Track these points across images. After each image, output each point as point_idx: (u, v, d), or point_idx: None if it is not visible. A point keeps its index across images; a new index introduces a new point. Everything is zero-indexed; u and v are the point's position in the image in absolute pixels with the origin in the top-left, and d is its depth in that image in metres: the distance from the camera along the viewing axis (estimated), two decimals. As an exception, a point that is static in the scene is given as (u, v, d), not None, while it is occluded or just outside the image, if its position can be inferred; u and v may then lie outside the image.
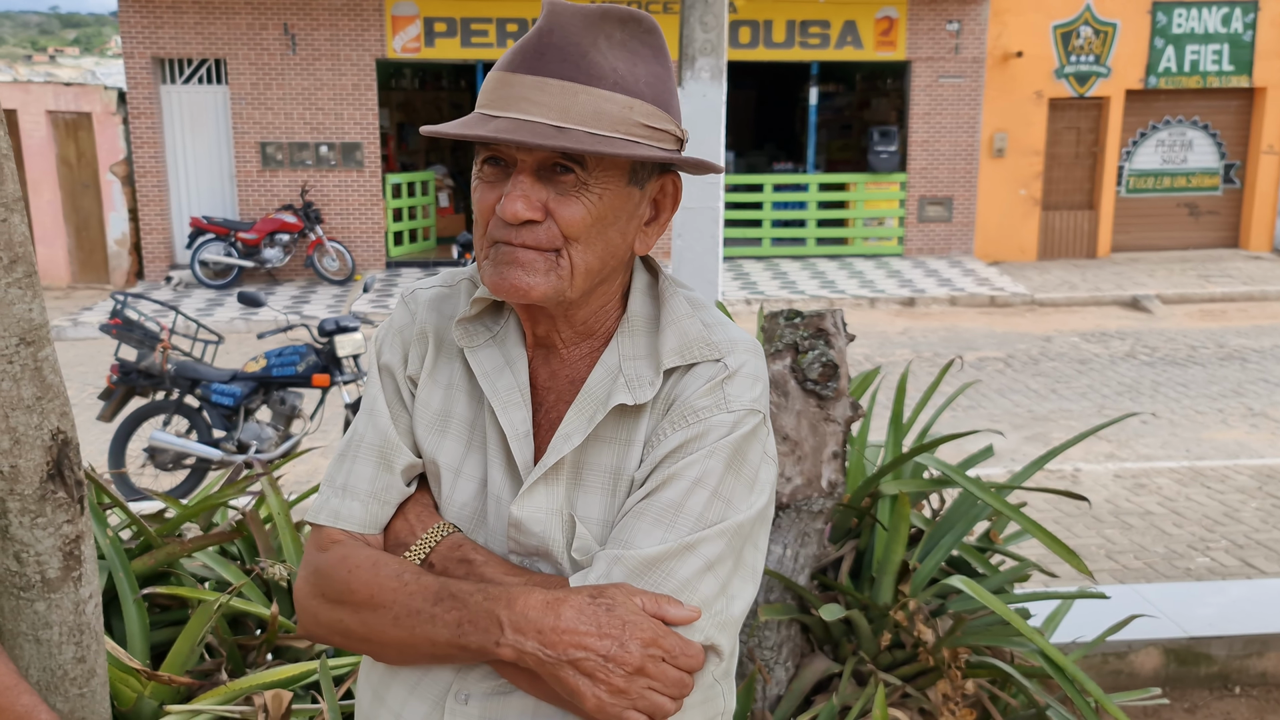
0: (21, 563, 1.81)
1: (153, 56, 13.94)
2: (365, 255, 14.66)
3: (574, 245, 1.14)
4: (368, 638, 1.17)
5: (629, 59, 1.13)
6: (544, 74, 1.11)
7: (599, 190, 1.13)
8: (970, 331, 11.50)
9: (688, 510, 1.12)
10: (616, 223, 1.16)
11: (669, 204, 1.22)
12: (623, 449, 1.19)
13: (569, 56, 1.11)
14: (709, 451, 1.14)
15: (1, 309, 1.69)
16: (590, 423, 1.18)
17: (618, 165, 1.14)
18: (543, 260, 1.13)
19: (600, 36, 1.12)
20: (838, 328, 2.47)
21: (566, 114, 1.10)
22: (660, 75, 1.16)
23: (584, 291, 1.18)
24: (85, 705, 1.94)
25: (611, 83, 1.11)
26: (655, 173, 1.20)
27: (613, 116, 1.11)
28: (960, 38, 14.85)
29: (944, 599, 2.65)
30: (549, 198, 1.12)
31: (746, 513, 1.15)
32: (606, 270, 1.19)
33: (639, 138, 1.12)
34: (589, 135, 1.09)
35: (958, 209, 15.45)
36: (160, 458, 6.43)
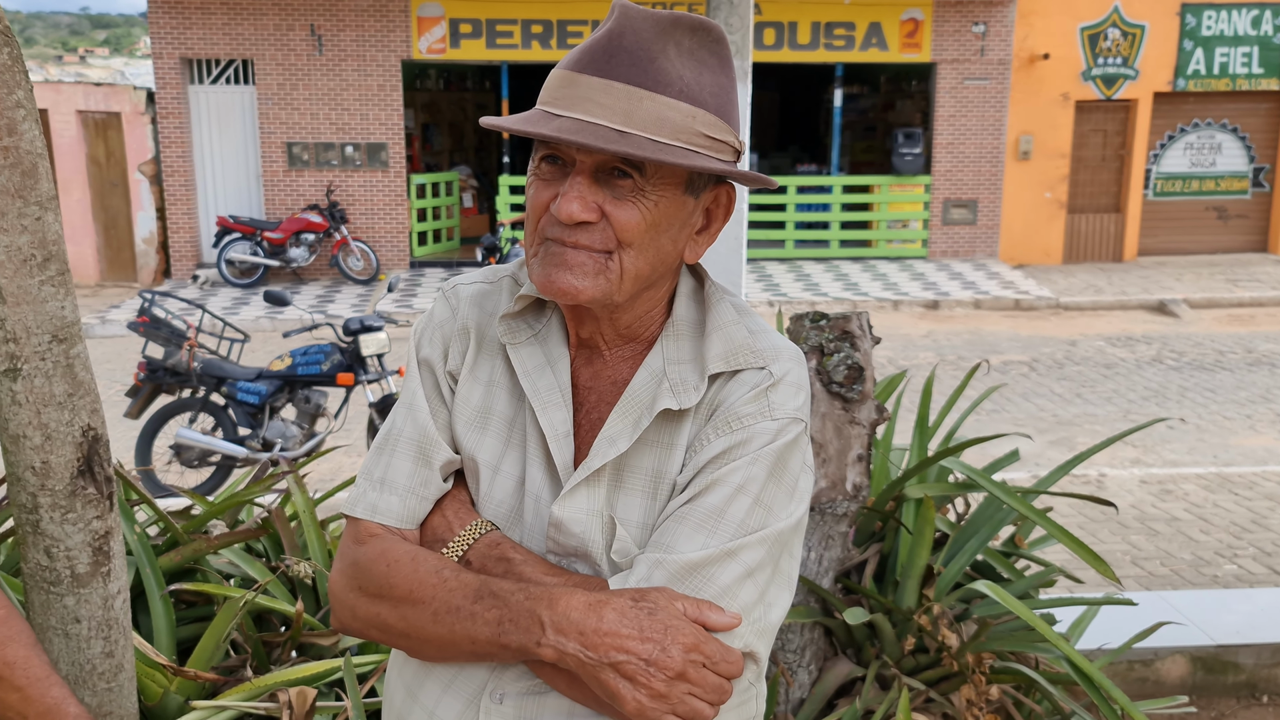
0: (52, 558, 1.83)
1: (181, 57, 14.06)
2: (389, 255, 14.73)
3: (626, 250, 1.14)
4: (406, 633, 1.17)
5: (696, 67, 1.13)
6: (611, 77, 1.11)
7: (655, 197, 1.13)
8: (994, 335, 11.43)
9: (730, 517, 1.12)
10: (669, 230, 1.16)
11: (721, 214, 1.22)
12: (665, 452, 1.19)
13: (638, 61, 1.11)
14: (752, 459, 1.14)
15: (35, 306, 1.71)
16: (636, 428, 1.18)
17: (675, 173, 1.14)
18: (593, 262, 1.13)
19: (670, 43, 1.12)
20: (863, 330, 2.46)
21: (630, 119, 1.10)
22: (725, 86, 1.16)
23: (631, 295, 1.18)
24: (113, 699, 1.95)
25: (677, 90, 1.11)
26: (711, 183, 1.19)
27: (675, 125, 1.11)
28: (986, 40, 14.77)
29: (968, 604, 2.64)
30: (605, 200, 1.12)
31: (786, 521, 1.15)
32: (655, 276, 1.19)
33: (699, 147, 1.12)
34: (650, 142, 1.10)
35: (982, 212, 15.36)
36: (186, 455, 6.48)
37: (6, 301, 1.68)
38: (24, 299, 1.70)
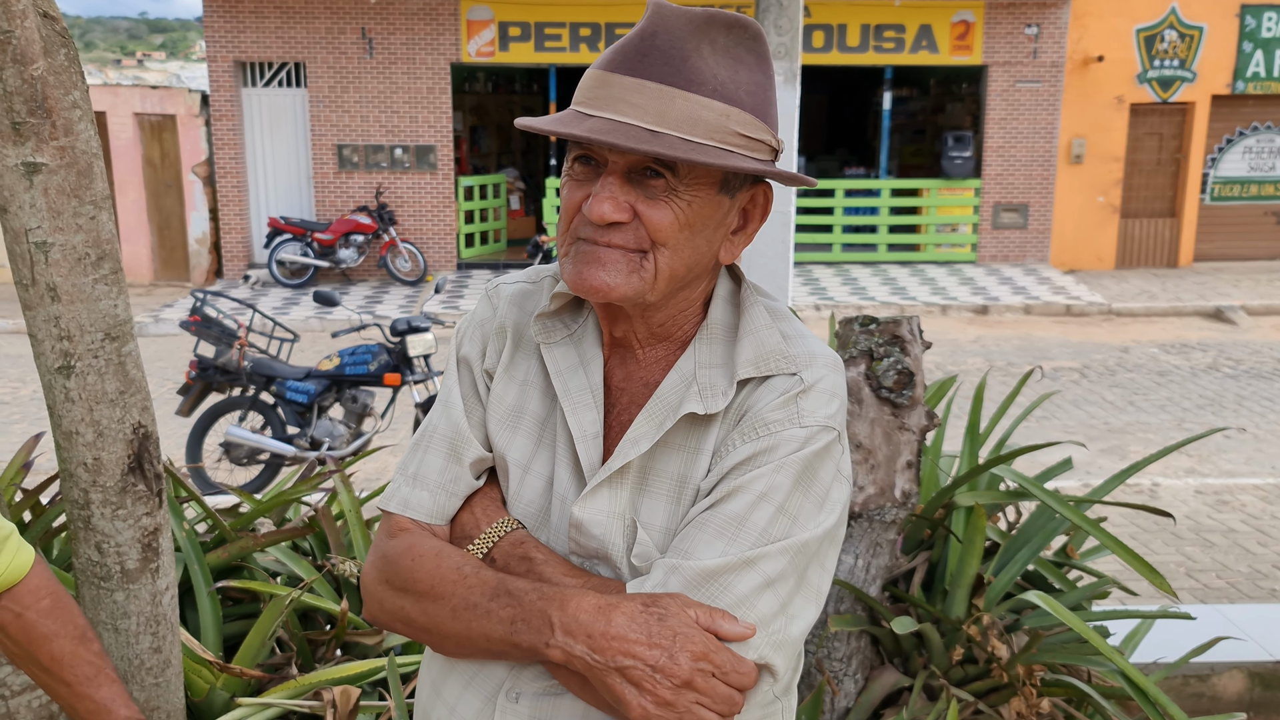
0: (102, 553, 1.85)
1: (235, 60, 14.26)
2: (437, 256, 14.83)
3: (660, 249, 1.13)
4: (427, 628, 1.18)
5: (731, 65, 1.11)
6: (644, 76, 1.09)
7: (689, 197, 1.12)
8: (1044, 341, 11.26)
9: (751, 524, 1.10)
10: (704, 230, 1.15)
11: (758, 214, 1.20)
12: (690, 457, 1.17)
13: (670, 60, 1.09)
14: (777, 466, 1.12)
15: (88, 304, 1.73)
16: (659, 429, 1.16)
17: (709, 173, 1.12)
18: (626, 260, 1.12)
19: (704, 41, 1.10)
20: (914, 335, 2.42)
21: (663, 118, 1.08)
22: (761, 83, 1.14)
23: (665, 295, 1.16)
24: (160, 694, 1.97)
25: (711, 89, 1.09)
26: (747, 183, 1.18)
27: (709, 124, 1.09)
28: (1039, 41, 14.57)
29: (1019, 614, 2.59)
30: (637, 200, 1.11)
31: (813, 531, 1.12)
32: (690, 276, 1.17)
33: (734, 147, 1.11)
34: (683, 142, 1.08)
35: (1033, 216, 15.16)
36: (235, 453, 6.56)
37: (61, 300, 1.71)
38: (78, 297, 1.72)
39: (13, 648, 1.41)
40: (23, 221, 1.66)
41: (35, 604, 1.40)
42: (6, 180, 1.65)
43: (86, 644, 1.43)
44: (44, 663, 1.41)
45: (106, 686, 1.43)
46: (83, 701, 1.41)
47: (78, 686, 1.41)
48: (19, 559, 1.38)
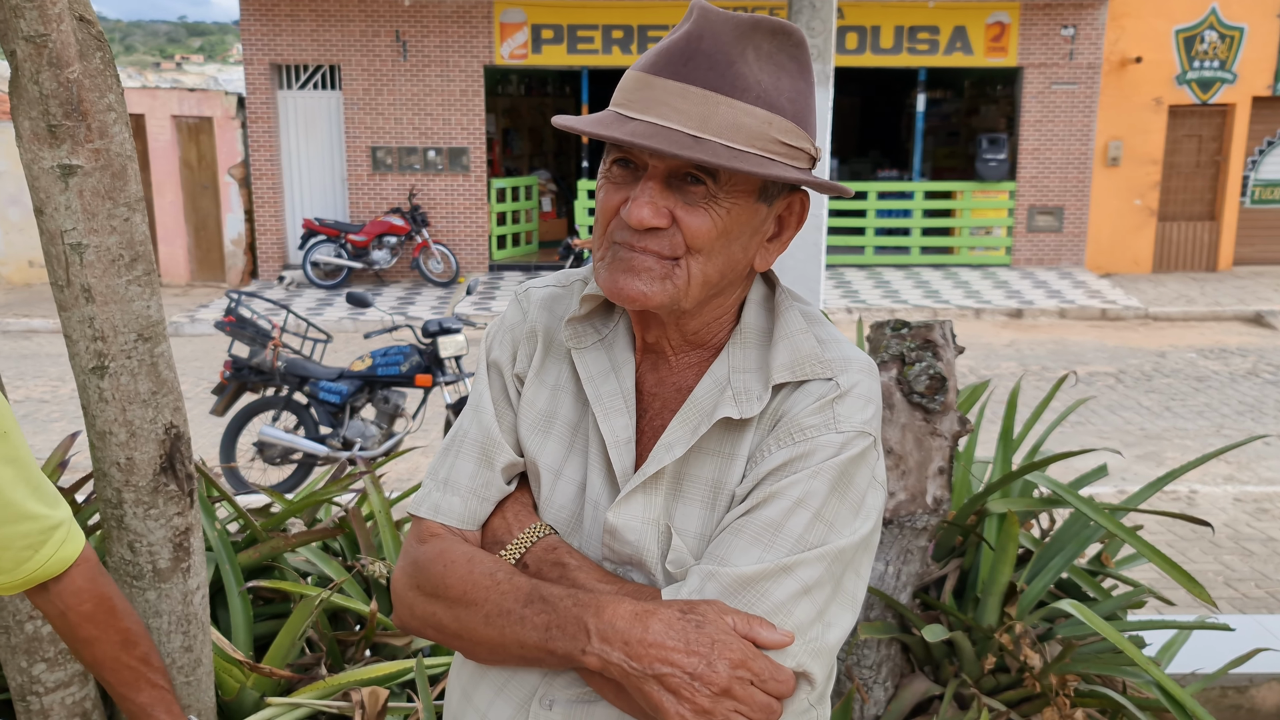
0: (135, 552, 1.86)
1: (271, 63, 14.40)
2: (469, 258, 14.89)
3: (695, 256, 1.12)
4: (459, 634, 1.17)
5: (774, 72, 1.10)
6: (687, 80, 1.08)
7: (728, 204, 1.11)
8: (1080, 345, 11.14)
9: (787, 531, 1.09)
10: (740, 237, 1.14)
11: (794, 222, 1.19)
12: (725, 462, 1.16)
13: (716, 65, 1.08)
14: (813, 472, 1.10)
15: (122, 305, 1.74)
16: (694, 434, 1.15)
17: (749, 181, 1.11)
18: (660, 267, 1.12)
19: (749, 47, 1.09)
20: (946, 339, 2.40)
21: (705, 124, 1.07)
22: (803, 91, 1.13)
23: (699, 302, 1.16)
24: (191, 693, 1.99)
25: (755, 96, 1.08)
26: (784, 190, 1.17)
27: (751, 131, 1.08)
28: (1075, 43, 14.43)
29: (1052, 623, 2.55)
30: (676, 205, 1.10)
31: (849, 538, 1.11)
32: (724, 283, 1.17)
33: (775, 154, 1.10)
34: (725, 149, 1.07)
35: (1069, 219, 15.00)
36: (269, 452, 6.62)
37: (95, 300, 1.72)
38: (112, 298, 1.73)
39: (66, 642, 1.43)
40: (58, 223, 1.68)
41: (77, 606, 1.41)
42: (43, 182, 1.66)
43: (129, 649, 1.44)
44: (87, 662, 1.43)
45: (147, 691, 1.44)
46: (126, 703, 1.43)
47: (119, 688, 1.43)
48: (61, 553, 1.39)
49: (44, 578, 1.39)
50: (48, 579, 1.39)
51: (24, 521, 1.35)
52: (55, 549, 1.38)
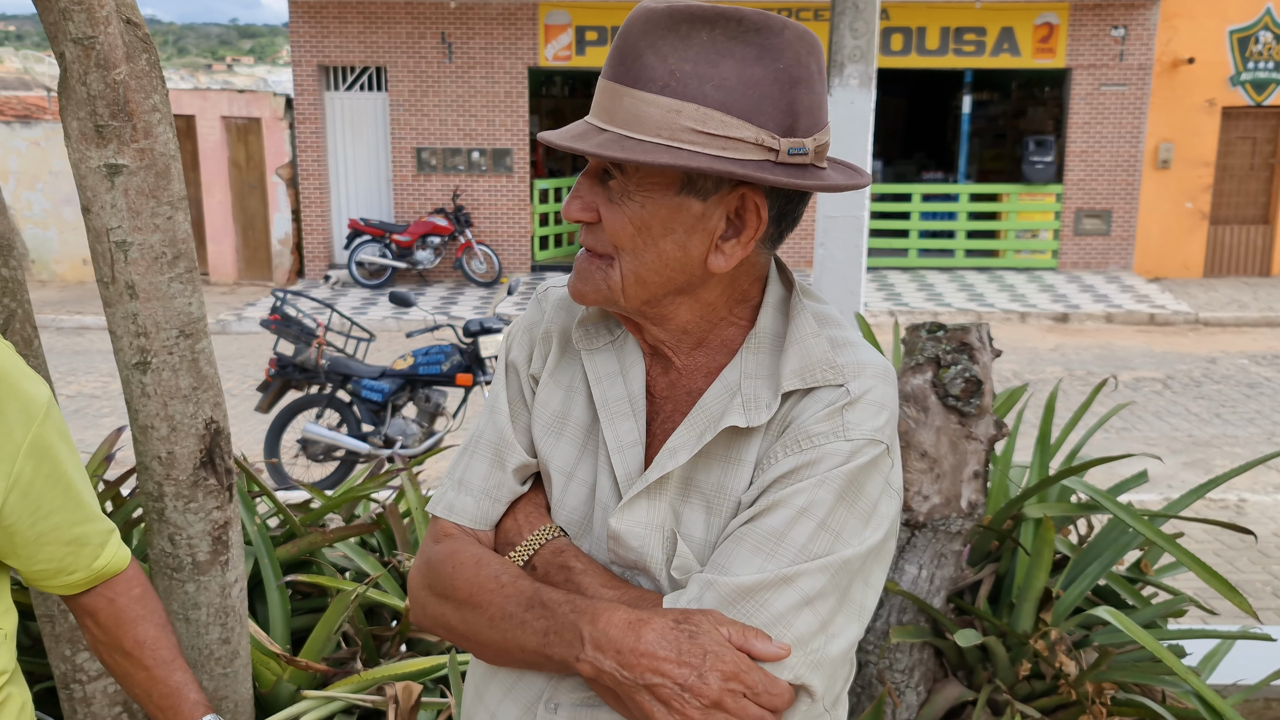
0: (175, 545, 1.90)
1: (319, 64, 14.57)
2: (512, 258, 14.98)
3: (623, 254, 1.12)
4: (466, 635, 1.18)
5: (705, 60, 1.05)
6: (609, 78, 1.10)
7: (640, 198, 1.10)
8: (1127, 350, 10.98)
9: (790, 540, 1.07)
10: (670, 234, 1.10)
11: (752, 219, 1.11)
12: (733, 469, 1.15)
13: (625, 59, 1.08)
14: (819, 480, 1.08)
15: (164, 302, 1.78)
16: (699, 441, 1.14)
17: (664, 173, 1.08)
18: (594, 268, 1.14)
19: (668, 38, 1.06)
20: (983, 342, 2.38)
21: (612, 117, 1.08)
22: (753, 79, 1.06)
23: (646, 301, 1.14)
24: (228, 685, 2.02)
25: (661, 85, 1.05)
26: (725, 185, 1.10)
27: (656, 120, 1.05)
28: (1125, 44, 14.22)
29: (1089, 630, 2.52)
30: (602, 202, 1.13)
31: (857, 548, 1.09)
32: (674, 283, 1.13)
33: (690, 144, 1.05)
34: (618, 139, 1.06)
35: (1117, 222, 14.79)
36: (312, 449, 6.70)
37: (139, 297, 1.76)
38: (154, 295, 1.77)
39: (99, 634, 1.47)
40: (104, 221, 1.72)
41: (128, 591, 1.47)
42: (89, 181, 1.70)
43: (167, 632, 1.49)
44: (128, 647, 1.46)
45: (180, 672, 1.48)
46: (158, 685, 1.47)
47: (156, 670, 1.47)
48: (122, 552, 1.47)
49: (114, 572, 1.46)
50: (116, 573, 1.46)
51: (96, 521, 1.42)
52: (118, 545, 1.46)
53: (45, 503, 1.34)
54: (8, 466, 1.27)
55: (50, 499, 1.34)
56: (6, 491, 1.28)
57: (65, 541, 1.38)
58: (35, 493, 1.32)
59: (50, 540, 1.36)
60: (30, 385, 1.31)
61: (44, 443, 1.31)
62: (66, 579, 1.41)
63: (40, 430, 1.31)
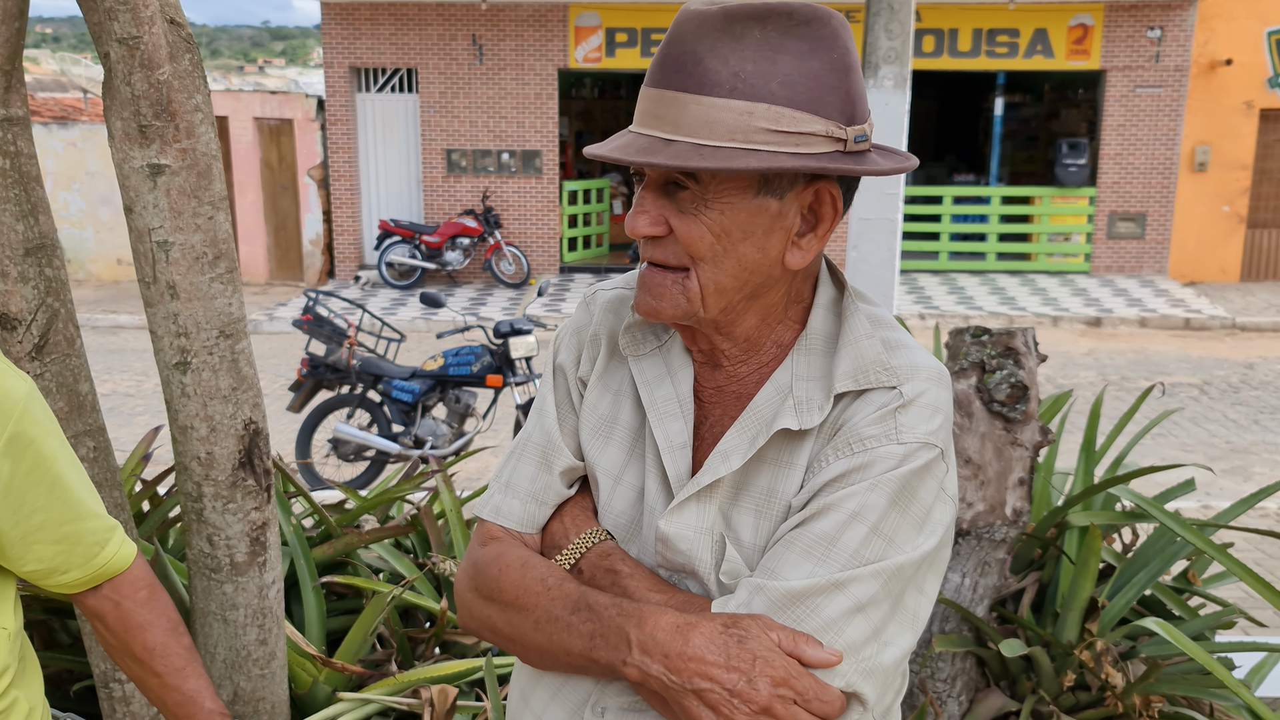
0: (213, 545, 1.89)
1: (350, 66, 14.65)
2: (540, 260, 14.99)
3: (701, 264, 1.09)
4: (512, 638, 1.17)
5: (765, 58, 1.05)
6: (664, 86, 1.07)
7: (720, 205, 1.07)
8: (1162, 355, 10.84)
9: (842, 545, 1.05)
10: (749, 238, 1.09)
11: (828, 213, 1.12)
12: (784, 472, 1.13)
13: (683, 66, 1.05)
14: (871, 484, 1.06)
15: (205, 302, 1.77)
16: (752, 445, 1.12)
17: (738, 177, 1.07)
18: (669, 282, 1.10)
19: (725, 39, 1.05)
20: (1028, 347, 2.34)
21: (678, 126, 1.05)
22: (814, 71, 1.05)
23: (723, 310, 1.12)
24: (265, 685, 2.01)
25: (729, 89, 1.04)
26: (801, 181, 1.10)
27: (728, 125, 1.04)
28: (1161, 45, 14.06)
29: (1135, 641, 2.48)
30: (671, 214, 1.09)
31: (910, 554, 1.06)
32: (749, 287, 1.12)
33: (764, 144, 1.04)
34: (693, 147, 1.04)
35: (1151, 226, 14.62)
36: (343, 449, 6.72)
37: (179, 297, 1.75)
38: (195, 295, 1.76)
39: (109, 638, 1.44)
40: (146, 221, 1.71)
41: (133, 594, 1.43)
42: (132, 181, 1.70)
43: (178, 637, 1.46)
44: (137, 653, 1.43)
45: (194, 679, 1.45)
46: (171, 693, 1.44)
47: (168, 677, 1.43)
48: (124, 551, 1.42)
49: (114, 572, 1.41)
50: (117, 573, 1.42)
51: (92, 519, 1.38)
52: (120, 544, 1.42)
53: (28, 501, 1.29)
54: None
55: (33, 497, 1.30)
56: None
57: (55, 540, 1.33)
58: (16, 491, 1.28)
59: (38, 539, 1.32)
60: (6, 380, 1.27)
61: (23, 439, 1.27)
62: (61, 579, 1.37)
63: (18, 427, 1.26)
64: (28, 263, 1.70)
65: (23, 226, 1.68)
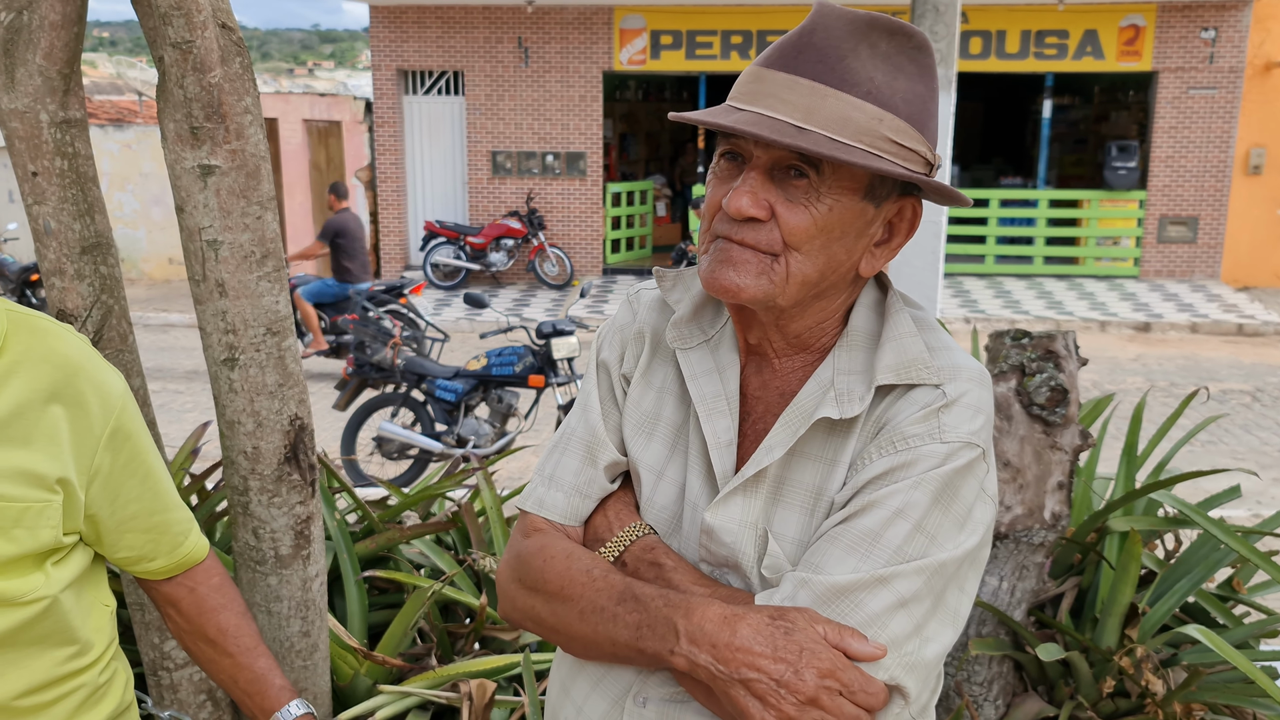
0: (258, 538, 1.94)
1: (398, 69, 14.80)
2: (583, 261, 15.05)
3: (793, 253, 1.10)
4: (556, 628, 1.19)
5: (890, 71, 1.09)
6: (797, 73, 1.08)
7: (830, 201, 1.09)
8: (1212, 361, 10.66)
9: (885, 541, 1.07)
10: (844, 238, 1.12)
11: (905, 228, 1.16)
12: (827, 468, 1.15)
13: (826, 59, 1.07)
14: (915, 482, 1.08)
15: (252, 300, 1.82)
16: (793, 436, 1.14)
17: (854, 178, 1.09)
18: (757, 261, 1.10)
19: (863, 44, 1.08)
20: (1069, 350, 2.32)
21: (811, 115, 1.06)
22: (921, 94, 1.10)
23: (797, 301, 1.14)
24: (308, 677, 2.05)
25: (864, 91, 1.07)
26: (895, 193, 1.14)
27: (859, 125, 1.06)
28: (1216, 46, 13.83)
29: (1177, 649, 2.45)
30: (777, 200, 1.09)
31: (952, 552, 1.08)
32: (825, 285, 1.14)
33: (884, 152, 1.07)
34: (829, 140, 1.05)
35: (1203, 229, 14.38)
36: (386, 447, 6.80)
37: (228, 295, 1.80)
38: (243, 293, 1.80)
39: (182, 623, 1.50)
40: (196, 220, 1.76)
41: (207, 580, 1.50)
42: (184, 181, 1.74)
43: (248, 620, 1.52)
44: (211, 635, 1.49)
45: (264, 659, 1.51)
46: (244, 671, 1.49)
47: (240, 657, 1.49)
48: (202, 542, 1.50)
49: (194, 561, 1.49)
50: (196, 563, 1.50)
51: (177, 510, 1.46)
52: (198, 536, 1.50)
53: (124, 491, 1.36)
54: (88, 459, 1.30)
55: (129, 488, 1.37)
56: (89, 482, 1.31)
57: (145, 529, 1.41)
58: (115, 482, 1.35)
59: (131, 528, 1.39)
60: (107, 376, 1.33)
61: (122, 433, 1.34)
62: (148, 566, 1.45)
63: (118, 421, 1.33)
64: (84, 260, 1.75)
65: (79, 225, 1.73)
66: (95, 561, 1.42)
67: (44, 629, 1.29)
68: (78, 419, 1.29)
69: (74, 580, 1.33)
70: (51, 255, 1.73)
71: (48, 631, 1.30)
